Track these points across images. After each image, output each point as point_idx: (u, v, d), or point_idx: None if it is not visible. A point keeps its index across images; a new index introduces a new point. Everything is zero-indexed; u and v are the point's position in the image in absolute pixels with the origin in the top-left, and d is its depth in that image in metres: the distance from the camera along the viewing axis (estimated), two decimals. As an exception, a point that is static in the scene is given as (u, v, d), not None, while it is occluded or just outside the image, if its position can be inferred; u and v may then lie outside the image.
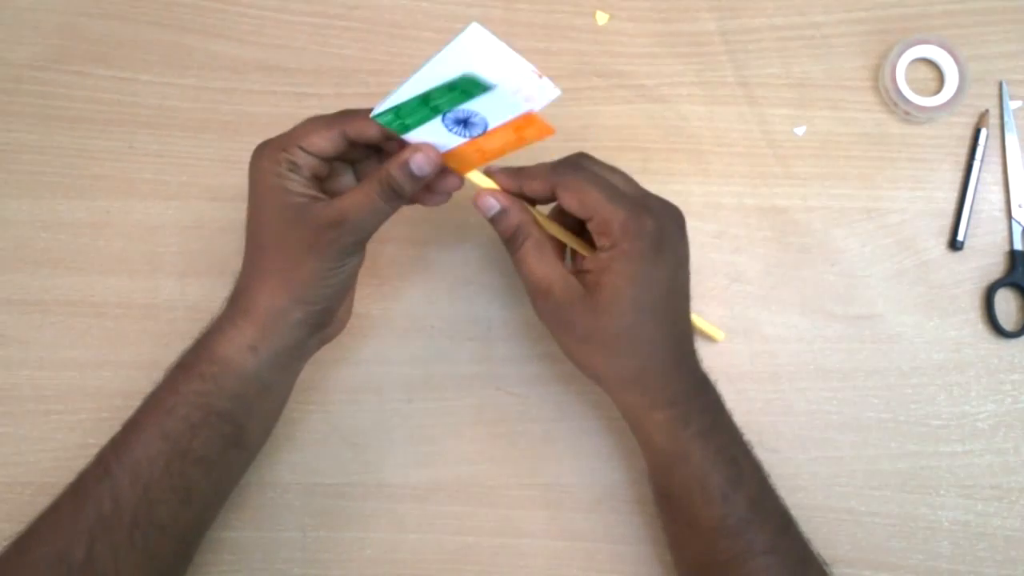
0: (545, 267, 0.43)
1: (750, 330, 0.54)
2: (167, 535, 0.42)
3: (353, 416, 0.52)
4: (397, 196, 0.42)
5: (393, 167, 0.42)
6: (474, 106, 0.42)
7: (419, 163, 0.42)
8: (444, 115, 0.42)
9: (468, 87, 0.41)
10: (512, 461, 0.52)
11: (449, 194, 0.46)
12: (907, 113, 0.56)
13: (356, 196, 0.42)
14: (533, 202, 0.46)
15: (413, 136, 0.43)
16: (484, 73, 0.40)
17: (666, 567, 0.50)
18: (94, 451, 0.45)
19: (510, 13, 0.57)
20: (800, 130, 0.56)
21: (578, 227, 0.46)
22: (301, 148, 0.42)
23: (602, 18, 0.57)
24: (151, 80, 0.56)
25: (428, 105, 0.41)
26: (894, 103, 0.56)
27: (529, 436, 0.52)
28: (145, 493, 0.41)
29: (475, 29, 0.40)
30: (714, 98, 0.56)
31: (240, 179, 0.54)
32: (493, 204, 0.45)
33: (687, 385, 0.44)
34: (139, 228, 0.54)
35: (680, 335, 0.44)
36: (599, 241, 0.43)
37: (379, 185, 0.42)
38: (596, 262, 0.42)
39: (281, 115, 0.55)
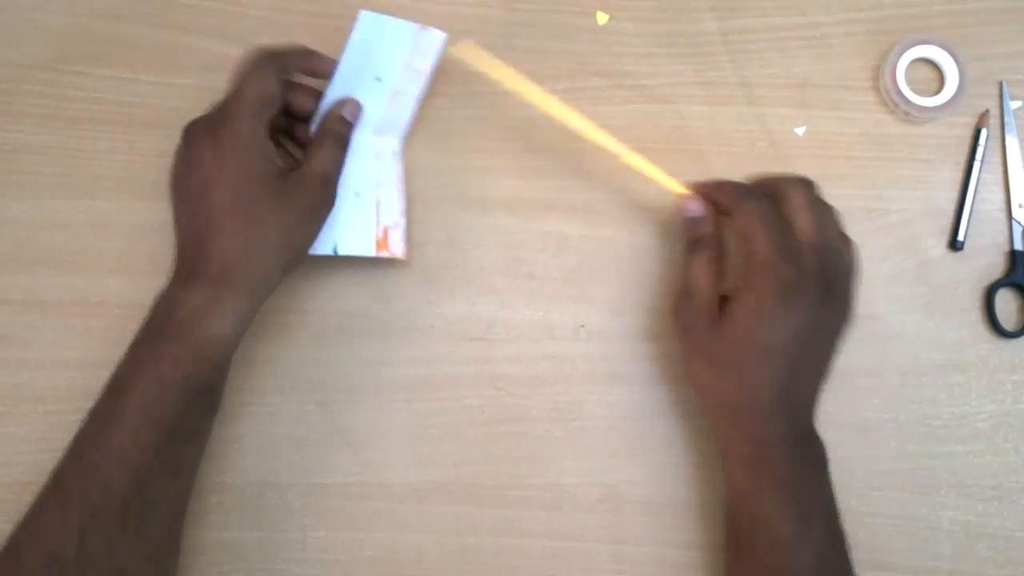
0: (704, 277, 0.46)
1: (750, 330, 0.54)
2: (158, 510, 0.42)
3: (353, 416, 0.52)
4: (346, 143, 0.51)
5: (335, 122, 0.50)
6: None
7: (351, 111, 0.51)
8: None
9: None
10: (512, 461, 0.52)
11: None
12: (907, 113, 0.56)
13: (324, 154, 0.49)
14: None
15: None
16: (382, 51, 0.52)
17: (667, 567, 0.50)
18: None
19: (510, 13, 0.57)
20: (800, 130, 0.56)
21: None
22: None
23: (602, 18, 0.57)
24: (151, 80, 0.56)
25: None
26: (894, 103, 0.56)
27: (529, 436, 0.52)
28: (135, 476, 0.41)
29: (367, 16, 0.51)
30: (714, 98, 0.56)
31: (240, 179, 0.54)
32: (695, 208, 0.48)
33: (783, 432, 0.44)
34: (139, 228, 0.54)
35: (792, 387, 0.44)
36: (744, 268, 0.45)
37: (333, 138, 0.50)
38: (734, 291, 0.45)
39: (281, 115, 0.55)
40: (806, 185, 0.47)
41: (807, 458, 0.45)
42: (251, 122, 0.46)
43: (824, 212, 0.46)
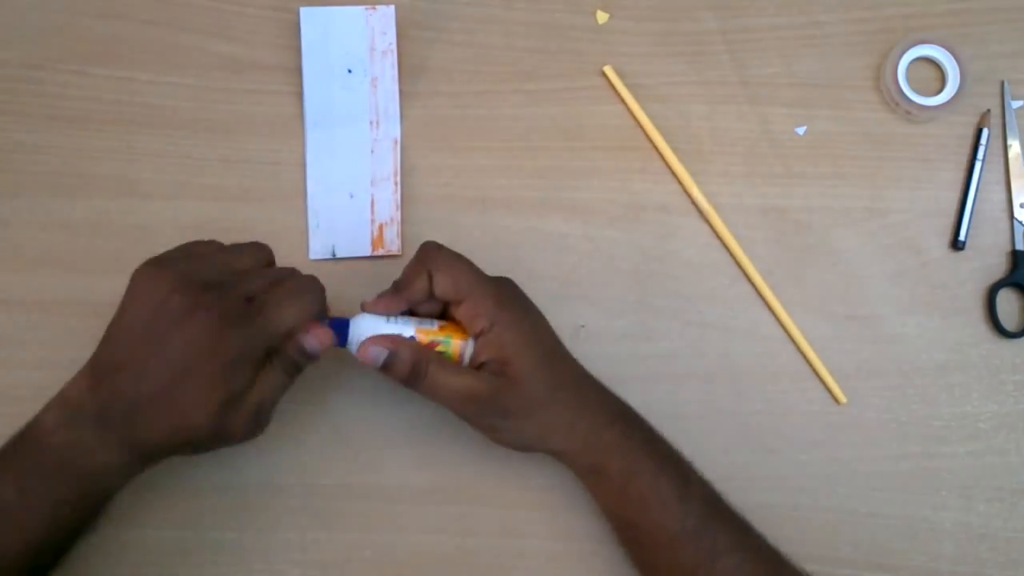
0: (459, 378, 0.44)
1: (751, 330, 0.54)
2: None
3: (353, 416, 0.52)
4: (298, 371, 0.45)
5: (297, 352, 0.44)
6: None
7: (311, 344, 0.44)
8: None
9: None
10: (512, 461, 0.51)
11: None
12: (908, 113, 0.55)
13: (269, 382, 0.44)
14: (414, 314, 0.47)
15: None
16: (342, 42, 0.53)
17: (666, 568, 0.50)
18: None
19: (510, 13, 0.57)
20: (801, 130, 0.56)
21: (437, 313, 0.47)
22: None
23: (602, 18, 0.57)
24: (150, 80, 0.56)
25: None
26: (895, 103, 0.56)
27: (529, 436, 0.52)
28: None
29: (307, 12, 0.52)
30: (715, 97, 0.56)
31: (240, 179, 0.54)
32: (379, 352, 0.44)
33: (617, 404, 0.47)
34: (138, 228, 0.54)
35: (582, 367, 0.48)
36: (475, 323, 0.45)
37: (285, 369, 0.44)
38: (488, 345, 0.44)
39: (281, 115, 0.55)
40: (436, 243, 0.47)
41: (639, 415, 0.48)
42: (263, 348, 0.43)
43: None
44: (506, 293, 0.46)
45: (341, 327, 0.44)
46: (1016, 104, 0.56)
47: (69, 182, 0.54)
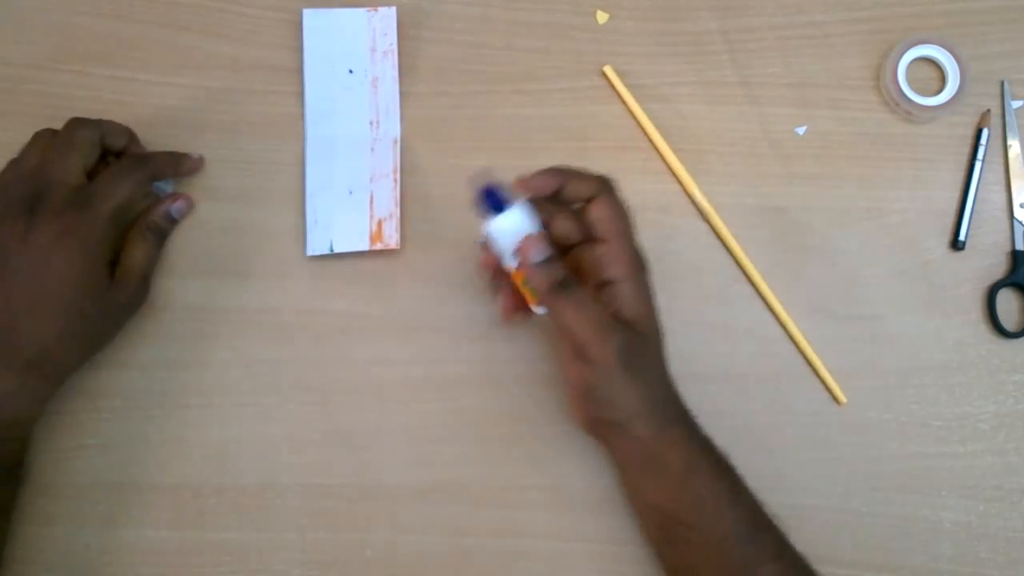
0: (598, 307, 0.44)
1: (751, 330, 0.54)
2: None
3: (353, 416, 0.52)
4: (163, 237, 0.52)
5: (161, 217, 0.51)
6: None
7: (179, 207, 0.52)
8: None
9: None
10: (512, 461, 0.51)
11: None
12: (908, 113, 0.55)
13: (144, 250, 0.50)
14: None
15: None
16: (343, 43, 0.53)
17: (666, 568, 0.50)
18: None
19: (510, 13, 0.57)
20: (801, 130, 0.56)
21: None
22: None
23: (602, 17, 0.57)
24: (150, 80, 0.56)
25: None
26: (895, 103, 0.56)
27: (529, 436, 0.52)
28: None
29: (309, 14, 0.53)
30: (714, 98, 0.56)
31: (240, 179, 0.54)
32: (542, 250, 0.43)
33: (682, 404, 0.47)
34: (139, 228, 0.54)
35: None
36: (611, 268, 0.44)
37: (151, 233, 0.51)
38: (616, 297, 0.44)
39: (281, 115, 0.55)
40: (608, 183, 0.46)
41: (693, 417, 0.47)
42: (109, 224, 0.48)
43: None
44: (644, 262, 0.45)
45: (496, 202, 0.43)
46: (1016, 104, 0.56)
47: (69, 182, 0.54)
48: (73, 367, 0.48)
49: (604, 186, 0.45)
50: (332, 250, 0.52)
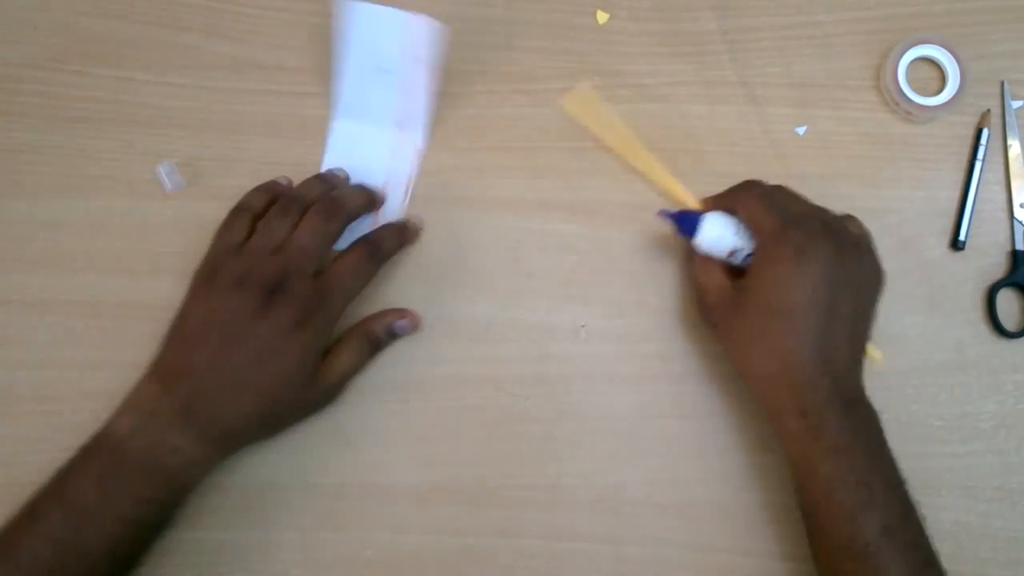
0: (706, 273, 0.49)
1: (751, 330, 0.53)
2: None
3: (353, 416, 0.52)
4: (378, 349, 0.51)
5: (380, 329, 0.51)
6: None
7: (402, 326, 0.51)
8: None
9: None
10: (512, 461, 0.51)
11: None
12: (909, 113, 0.55)
13: (354, 357, 0.50)
14: None
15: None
16: (377, 41, 0.51)
17: (668, 568, 0.50)
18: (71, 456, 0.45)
19: (510, 12, 0.57)
20: (801, 130, 0.56)
21: None
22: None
23: (602, 17, 0.57)
24: (150, 80, 0.56)
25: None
26: (895, 103, 0.56)
27: (529, 436, 0.52)
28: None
29: (345, 4, 0.50)
30: (715, 97, 0.56)
31: (240, 178, 0.54)
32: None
33: (826, 398, 0.44)
34: (139, 228, 0.54)
35: (826, 350, 0.44)
36: (756, 250, 0.47)
37: (368, 344, 0.51)
38: (750, 267, 0.47)
39: (281, 115, 0.55)
40: (757, 181, 0.50)
41: (858, 424, 0.44)
42: (338, 318, 0.48)
43: (782, 186, 0.50)
44: (791, 235, 0.45)
45: (689, 221, 0.49)
46: (1016, 104, 0.56)
47: (69, 182, 0.54)
48: (245, 446, 0.49)
49: (735, 196, 0.49)
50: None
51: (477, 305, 0.53)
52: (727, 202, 0.49)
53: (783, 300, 0.44)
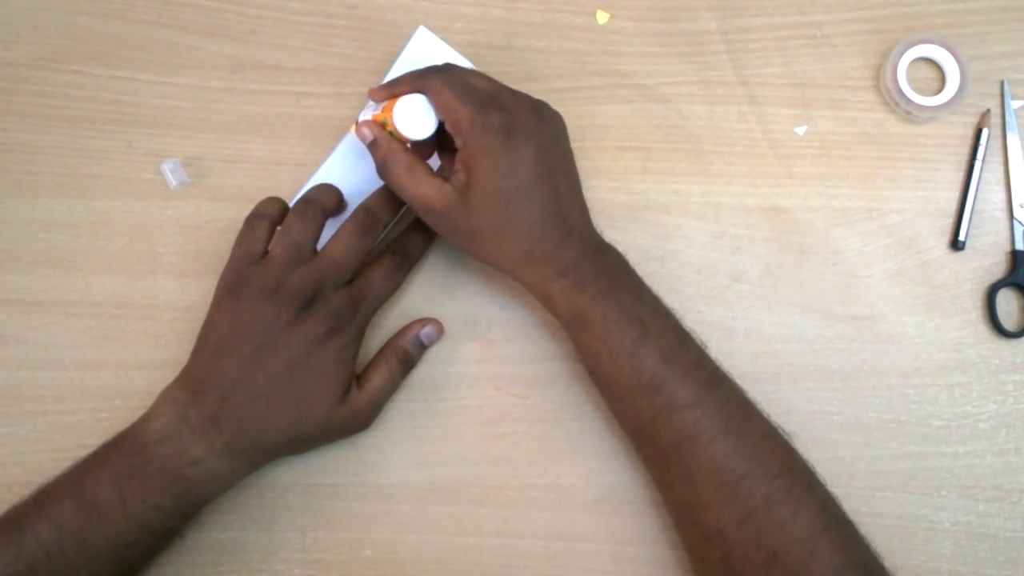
0: (418, 185, 0.46)
1: (751, 330, 0.54)
2: None
3: (353, 416, 0.52)
4: (411, 366, 0.51)
5: (408, 343, 0.50)
6: None
7: (428, 333, 0.51)
8: None
9: None
10: (512, 461, 0.51)
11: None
12: (908, 113, 0.55)
13: (381, 377, 0.49)
14: None
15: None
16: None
17: (667, 567, 0.50)
18: (92, 451, 0.45)
19: (510, 12, 0.57)
20: (801, 130, 0.56)
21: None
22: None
23: (602, 17, 0.57)
24: (150, 80, 0.56)
25: None
26: (895, 103, 0.56)
27: (529, 436, 0.52)
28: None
29: (423, 32, 0.52)
30: (715, 97, 0.56)
31: (240, 179, 0.54)
32: (367, 134, 0.48)
33: (578, 254, 0.46)
34: (138, 228, 0.54)
35: (562, 211, 0.46)
36: (456, 141, 0.45)
37: (398, 362, 0.50)
38: (460, 162, 0.45)
39: (281, 115, 0.55)
40: (453, 64, 0.49)
41: (613, 266, 0.46)
42: (366, 325, 0.49)
43: (476, 71, 0.49)
44: (492, 119, 0.44)
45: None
46: (1016, 104, 0.56)
47: (69, 182, 0.54)
48: (271, 460, 0.49)
49: (421, 77, 0.46)
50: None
51: (477, 305, 0.53)
52: (412, 86, 0.47)
53: (512, 182, 0.44)
